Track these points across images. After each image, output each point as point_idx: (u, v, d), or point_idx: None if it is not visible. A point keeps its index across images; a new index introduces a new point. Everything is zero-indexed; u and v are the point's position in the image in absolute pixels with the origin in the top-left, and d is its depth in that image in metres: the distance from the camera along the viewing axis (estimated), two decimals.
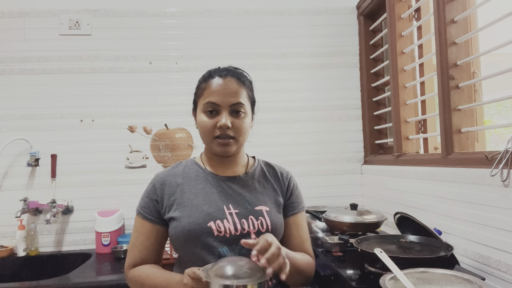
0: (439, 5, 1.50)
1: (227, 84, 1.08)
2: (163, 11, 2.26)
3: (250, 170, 1.18)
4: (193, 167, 1.17)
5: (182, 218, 1.06)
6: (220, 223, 1.05)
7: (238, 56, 2.25)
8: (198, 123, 1.12)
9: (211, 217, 1.05)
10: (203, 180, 1.13)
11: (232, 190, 1.12)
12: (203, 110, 1.09)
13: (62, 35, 2.19)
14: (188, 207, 1.08)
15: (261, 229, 1.08)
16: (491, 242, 1.22)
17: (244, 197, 1.12)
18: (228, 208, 1.08)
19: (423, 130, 1.87)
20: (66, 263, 1.99)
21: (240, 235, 1.05)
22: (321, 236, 1.67)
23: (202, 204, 1.08)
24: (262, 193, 1.15)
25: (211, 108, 1.08)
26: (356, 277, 1.26)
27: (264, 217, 1.10)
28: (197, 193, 1.10)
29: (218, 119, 1.07)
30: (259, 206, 1.11)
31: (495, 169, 1.15)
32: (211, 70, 1.14)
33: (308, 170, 2.28)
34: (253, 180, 1.16)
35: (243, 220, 1.07)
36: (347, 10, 2.35)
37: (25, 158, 2.12)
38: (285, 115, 2.29)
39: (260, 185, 1.17)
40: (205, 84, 1.11)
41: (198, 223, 1.05)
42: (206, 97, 1.09)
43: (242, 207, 1.09)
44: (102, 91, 2.20)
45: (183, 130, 2.23)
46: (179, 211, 1.08)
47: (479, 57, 1.46)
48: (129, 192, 2.18)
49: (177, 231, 1.06)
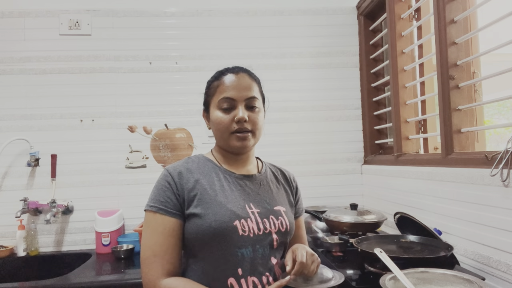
0: (439, 5, 1.50)
1: (240, 80, 1.08)
2: (163, 11, 2.26)
3: (263, 170, 1.18)
4: (207, 163, 1.12)
5: (207, 215, 1.01)
6: (245, 222, 1.03)
7: (238, 56, 2.25)
8: (212, 120, 1.10)
9: (236, 216, 1.03)
10: (221, 177, 1.09)
11: (250, 189, 1.11)
12: (218, 107, 1.08)
13: (62, 35, 2.20)
14: (212, 204, 1.03)
15: (281, 228, 1.09)
16: (491, 242, 1.22)
17: (262, 196, 1.11)
18: (250, 207, 1.07)
19: (423, 130, 1.87)
20: (66, 263, 1.99)
21: (262, 234, 1.05)
22: (321, 236, 1.68)
23: (226, 202, 1.04)
24: (277, 194, 1.16)
25: (227, 103, 1.07)
26: (356, 277, 1.26)
27: (283, 217, 1.11)
28: (217, 190, 1.06)
29: (235, 114, 1.06)
30: (277, 206, 1.12)
31: (495, 169, 1.15)
32: (221, 70, 1.14)
33: (308, 170, 2.28)
34: (267, 180, 1.16)
35: (264, 220, 1.06)
36: (347, 10, 2.35)
37: (25, 158, 2.12)
38: (285, 115, 2.29)
39: (274, 186, 1.17)
40: (217, 82, 1.10)
41: (224, 222, 1.01)
42: (220, 94, 1.08)
43: (262, 206, 1.09)
44: (102, 91, 2.20)
45: (183, 130, 2.23)
46: (202, 208, 1.02)
47: (479, 57, 1.46)
48: (129, 192, 2.18)
49: (201, 229, 1.01)
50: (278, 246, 1.08)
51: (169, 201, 1.03)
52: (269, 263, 1.05)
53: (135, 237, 2.01)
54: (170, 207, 1.03)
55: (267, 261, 1.05)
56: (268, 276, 1.04)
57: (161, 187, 1.06)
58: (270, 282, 1.03)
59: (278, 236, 1.07)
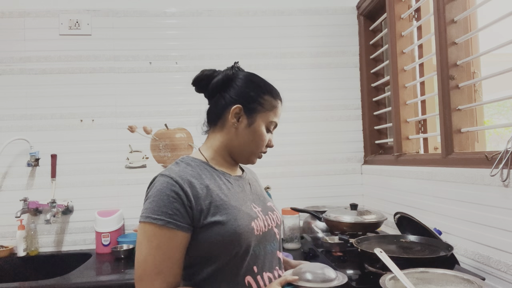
0: (439, 5, 1.50)
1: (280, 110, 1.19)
2: (163, 11, 2.26)
3: (245, 170, 1.23)
4: (204, 166, 1.08)
5: (229, 221, 0.98)
6: (257, 222, 1.05)
7: (238, 56, 2.25)
8: (254, 131, 1.10)
9: (251, 218, 1.04)
10: (223, 180, 1.08)
11: (247, 189, 1.14)
12: (266, 125, 1.14)
13: (62, 35, 2.20)
14: (230, 209, 1.00)
15: (278, 222, 1.14)
16: (491, 242, 1.22)
17: (256, 195, 1.15)
18: (254, 207, 1.09)
19: (423, 130, 1.87)
20: (66, 263, 1.99)
21: (268, 231, 1.08)
22: (321, 236, 1.68)
23: (239, 205, 1.04)
24: (261, 190, 1.22)
25: (272, 127, 1.16)
26: (356, 277, 1.26)
27: (276, 211, 1.17)
28: (227, 194, 1.04)
29: (269, 138, 1.15)
30: (268, 202, 1.17)
31: (495, 169, 1.15)
32: (274, 88, 1.22)
33: (308, 170, 2.28)
34: (251, 179, 1.21)
35: (266, 216, 1.10)
36: (347, 10, 2.35)
37: (25, 158, 2.12)
38: (285, 115, 2.27)
39: (256, 184, 1.23)
40: (275, 102, 1.17)
41: (246, 225, 1.00)
42: (274, 116, 1.16)
43: (260, 204, 1.13)
44: (102, 91, 2.20)
45: (183, 130, 2.23)
46: (221, 215, 0.98)
47: (479, 57, 1.46)
48: (129, 192, 2.18)
49: (226, 236, 0.97)
50: (279, 239, 1.14)
51: (178, 213, 0.95)
52: (276, 256, 1.10)
53: (135, 237, 2.00)
54: (179, 220, 0.95)
55: (274, 255, 1.09)
56: (278, 270, 1.08)
57: (166, 197, 0.96)
58: (281, 275, 1.08)
59: (277, 229, 1.13)
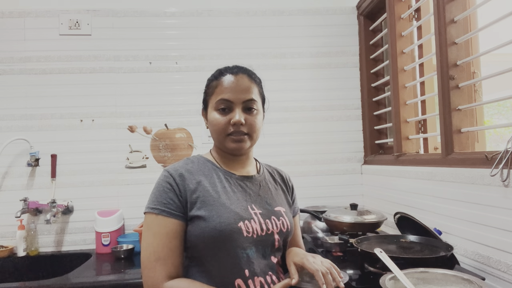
0: (439, 5, 1.50)
1: (239, 81, 1.07)
2: (163, 11, 2.26)
3: (261, 171, 1.19)
4: (207, 164, 1.11)
5: (211, 217, 1.00)
6: (249, 224, 1.03)
7: (238, 56, 2.25)
8: (209, 121, 1.10)
9: (240, 218, 1.02)
10: (222, 178, 1.09)
11: (251, 190, 1.11)
12: (215, 108, 1.07)
13: (62, 35, 2.20)
14: (216, 206, 1.02)
15: (283, 229, 1.10)
16: (491, 242, 1.22)
17: (263, 197, 1.12)
18: (252, 208, 1.07)
19: (423, 130, 1.87)
20: (66, 263, 1.99)
21: (265, 235, 1.05)
22: (321, 236, 1.68)
23: (229, 204, 1.04)
24: (276, 194, 1.17)
25: (224, 105, 1.06)
26: (356, 277, 1.26)
27: (284, 217, 1.11)
28: (219, 191, 1.05)
29: (231, 116, 1.05)
30: (277, 207, 1.12)
31: (495, 169, 1.15)
32: (221, 69, 1.12)
33: (308, 170, 2.28)
34: (265, 181, 1.17)
35: (267, 221, 1.07)
36: (347, 10, 2.35)
37: (25, 158, 2.12)
38: (285, 115, 2.29)
39: (272, 186, 1.18)
40: (216, 82, 1.09)
41: (229, 223, 1.00)
42: (218, 95, 1.07)
43: (263, 207, 1.09)
44: (102, 91, 2.20)
45: (183, 130, 2.23)
46: (205, 210, 1.01)
47: (479, 57, 1.46)
48: (129, 192, 2.18)
49: (205, 232, 0.99)
50: (279, 246, 1.10)
51: (171, 202, 1.01)
52: (270, 262, 1.07)
53: (135, 237, 2.01)
54: (172, 208, 1.01)
55: (268, 260, 1.06)
56: (271, 275, 1.05)
57: (162, 188, 1.03)
58: (274, 281, 1.04)
59: (279, 236, 1.08)
